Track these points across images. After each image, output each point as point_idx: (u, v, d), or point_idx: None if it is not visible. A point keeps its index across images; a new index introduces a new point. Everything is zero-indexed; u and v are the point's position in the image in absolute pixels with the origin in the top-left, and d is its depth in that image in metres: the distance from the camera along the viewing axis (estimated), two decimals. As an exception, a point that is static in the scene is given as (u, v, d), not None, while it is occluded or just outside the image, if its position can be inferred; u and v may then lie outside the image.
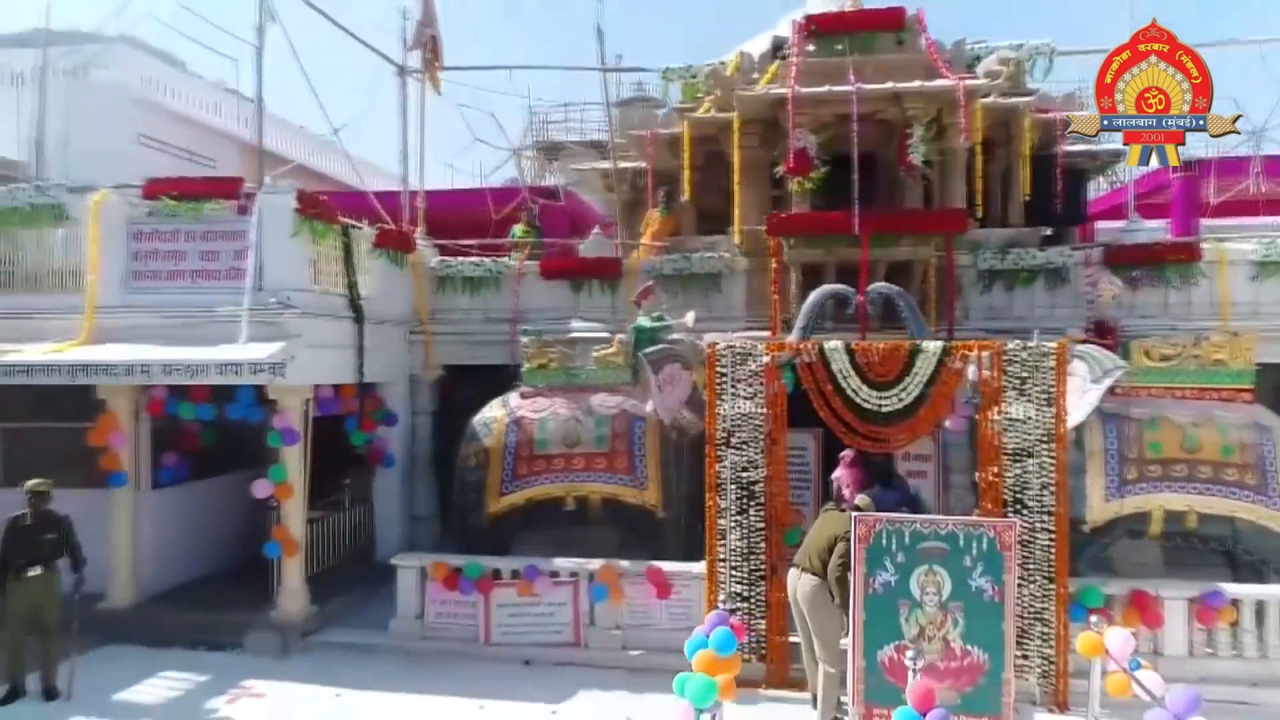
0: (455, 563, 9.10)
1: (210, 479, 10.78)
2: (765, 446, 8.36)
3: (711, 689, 5.35)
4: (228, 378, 8.87)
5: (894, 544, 6.41)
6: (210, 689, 8.16)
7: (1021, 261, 10.71)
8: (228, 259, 9.24)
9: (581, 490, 9.72)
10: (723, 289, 11.41)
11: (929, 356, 8.11)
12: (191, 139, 20.24)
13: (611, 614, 8.88)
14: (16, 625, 7.83)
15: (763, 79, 10.71)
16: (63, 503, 9.97)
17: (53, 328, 9.41)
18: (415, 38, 11.99)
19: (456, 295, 11.96)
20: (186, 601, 9.92)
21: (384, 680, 8.35)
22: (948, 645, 6.34)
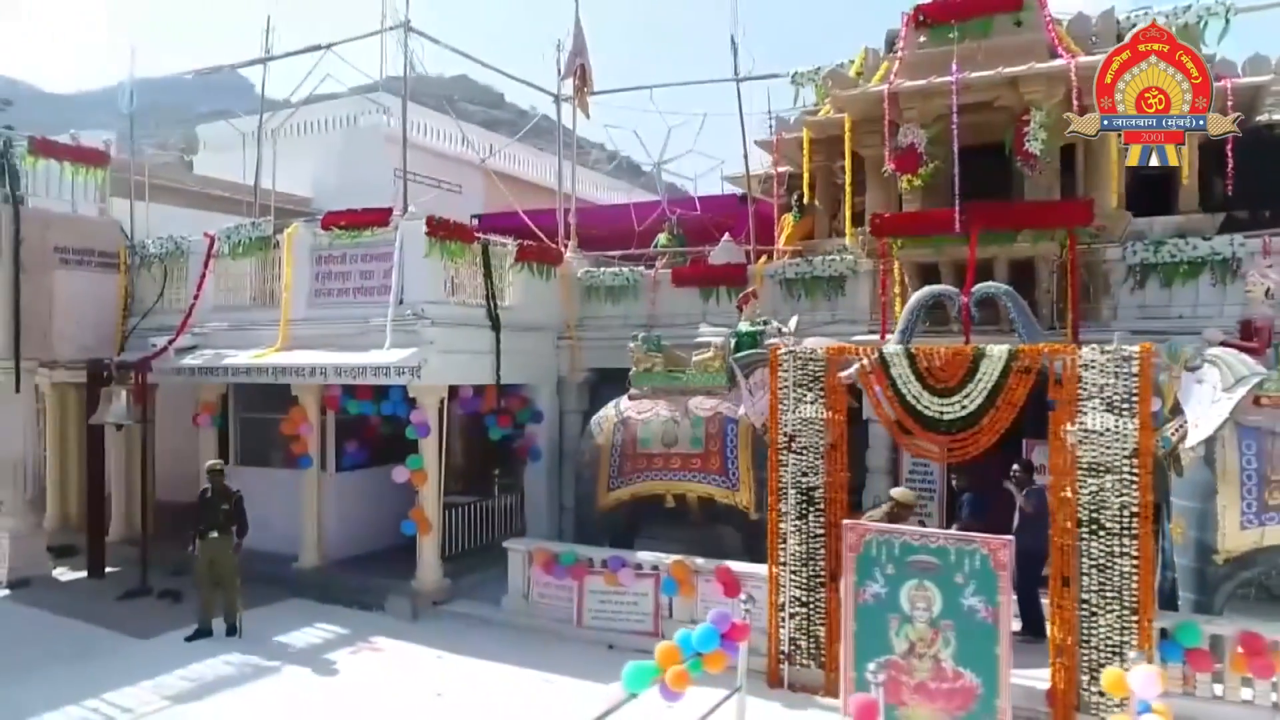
0: (553, 549, 9.93)
1: (384, 466, 12.55)
2: (825, 452, 8.28)
3: (647, 674, 5.62)
4: (378, 378, 10.44)
5: (884, 554, 6.20)
6: (345, 640, 9.69)
7: (1181, 253, 9.41)
8: (380, 277, 10.82)
9: (678, 488, 10.15)
10: (847, 292, 11.19)
11: (994, 361, 7.58)
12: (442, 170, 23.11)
13: (686, 608, 9.21)
14: (202, 577, 9.65)
15: (875, 76, 10.39)
16: (266, 480, 12.31)
17: (265, 336, 11.59)
18: (567, 67, 13.03)
19: (600, 303, 12.82)
20: (354, 568, 11.71)
21: (484, 649, 9.35)
22: (939, 665, 6.02)
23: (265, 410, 12.60)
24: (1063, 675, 7.02)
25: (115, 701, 7.96)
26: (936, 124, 9.87)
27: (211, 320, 12.19)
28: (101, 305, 12.77)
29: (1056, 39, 9.43)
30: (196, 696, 8.14)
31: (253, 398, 12.69)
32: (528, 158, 25.40)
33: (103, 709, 7.82)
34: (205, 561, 9.59)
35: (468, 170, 23.77)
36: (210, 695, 8.19)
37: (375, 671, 8.86)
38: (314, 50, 11.99)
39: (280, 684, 8.52)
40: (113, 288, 12.95)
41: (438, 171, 23.06)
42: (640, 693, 5.70)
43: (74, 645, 9.37)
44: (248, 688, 8.40)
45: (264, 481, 12.23)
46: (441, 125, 23.73)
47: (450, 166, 23.47)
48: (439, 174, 23.05)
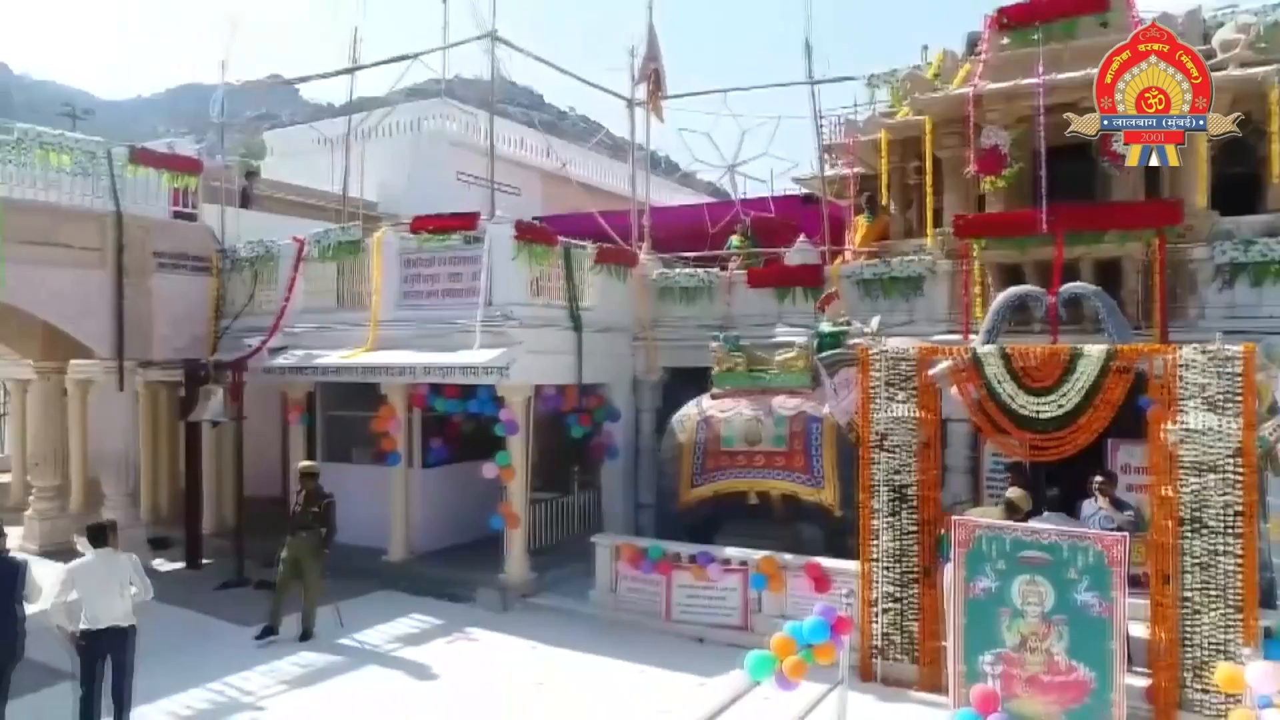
0: (640, 545, 10.18)
1: (467, 462, 12.91)
2: (918, 450, 8.42)
3: (769, 664, 5.83)
4: (466, 378, 10.77)
5: (994, 550, 6.34)
6: (441, 630, 10.03)
7: (1272, 253, 9.38)
8: (467, 279, 11.16)
9: (762, 486, 10.34)
10: (925, 292, 11.28)
11: (1091, 361, 7.68)
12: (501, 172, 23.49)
13: (776, 603, 9.41)
14: (284, 576, 9.67)
15: (956, 78, 10.49)
16: (352, 476, 12.70)
17: (353, 337, 11.98)
18: (641, 72, 13.28)
19: (674, 304, 13.04)
20: (442, 561, 12.07)
21: (575, 641, 9.63)
22: (1051, 658, 6.14)
23: (350, 408, 13.03)
24: (1164, 673, 7.11)
25: (237, 685, 8.37)
26: (1019, 125, 9.97)
27: (300, 321, 12.63)
28: (194, 308, 13.28)
29: (1145, 39, 9.43)
30: (311, 682, 8.52)
31: (338, 396, 13.11)
32: (583, 159, 25.71)
33: (226, 692, 8.23)
34: (291, 560, 9.68)
35: (525, 173, 24.17)
36: (323, 681, 8.56)
37: (474, 660, 9.18)
38: (401, 60, 12.35)
39: (388, 669, 8.88)
40: (204, 291, 13.46)
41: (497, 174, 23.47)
42: (762, 680, 5.91)
43: (186, 632, 9.81)
44: (358, 673, 8.77)
45: (349, 477, 12.63)
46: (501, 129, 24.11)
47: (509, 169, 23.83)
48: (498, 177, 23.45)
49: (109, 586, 6.76)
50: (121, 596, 6.80)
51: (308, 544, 9.67)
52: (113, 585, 6.78)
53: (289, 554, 9.69)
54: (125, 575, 6.86)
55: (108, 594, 6.73)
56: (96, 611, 6.67)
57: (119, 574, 6.84)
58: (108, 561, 6.86)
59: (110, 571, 6.82)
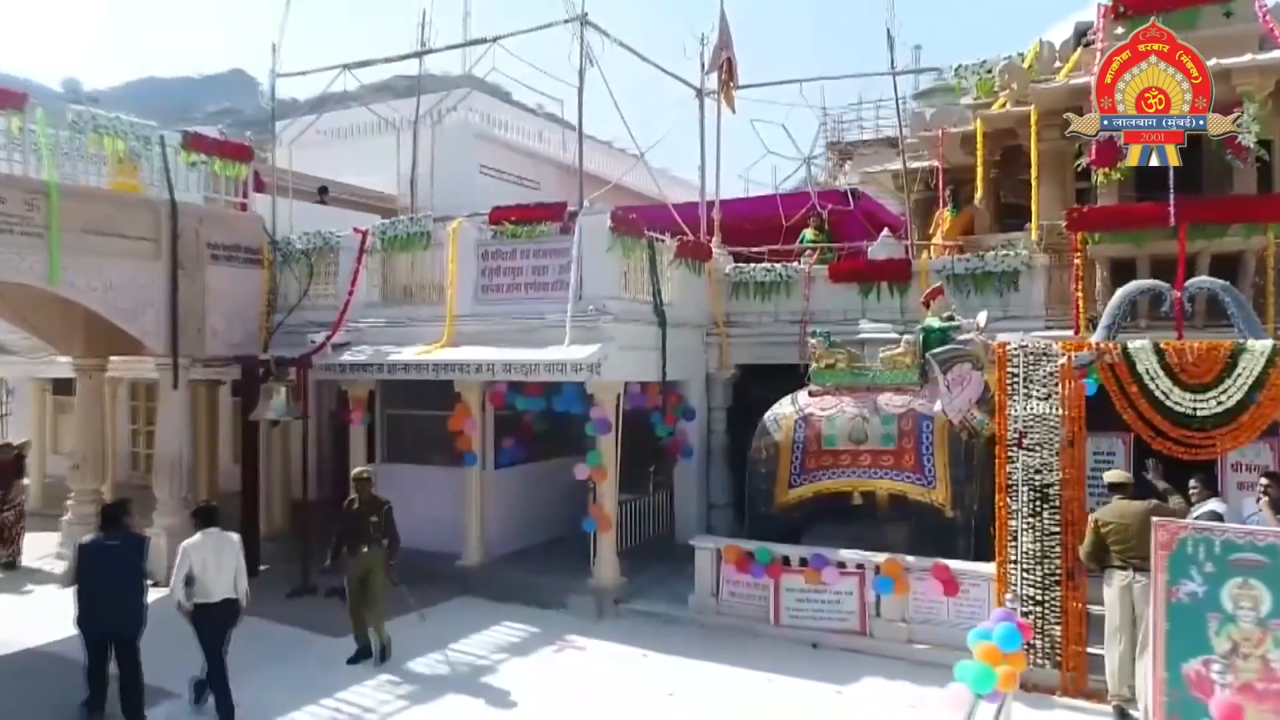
0: (747, 547, 9.82)
1: (539, 462, 12.49)
2: (1061, 449, 8.17)
3: (990, 676, 5.52)
4: (554, 375, 10.34)
5: (1201, 553, 6.09)
6: (541, 639, 9.59)
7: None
8: (554, 273, 10.72)
9: (868, 486, 10.04)
10: (1020, 287, 11.08)
11: (1255, 356, 7.47)
12: (521, 166, 23.02)
13: (897, 607, 9.11)
14: (354, 595, 8.76)
15: (1065, 68, 10.27)
16: (418, 478, 12.19)
17: (422, 333, 11.49)
18: (712, 61, 12.93)
19: (749, 299, 12.72)
20: (520, 565, 11.62)
21: (683, 647, 9.26)
22: (1267, 665, 5.90)
23: (415, 407, 12.52)
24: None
25: (353, 700, 7.89)
26: (1134, 117, 9.75)
27: (363, 316, 12.10)
28: (247, 301, 12.68)
29: (1272, 28, 9.31)
30: (431, 696, 8.05)
31: (402, 395, 12.59)
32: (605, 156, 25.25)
33: (344, 709, 7.74)
34: (357, 578, 8.76)
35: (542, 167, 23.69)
36: (443, 694, 8.11)
37: (589, 670, 8.77)
38: (478, 43, 11.83)
39: (504, 680, 8.44)
40: (257, 283, 12.86)
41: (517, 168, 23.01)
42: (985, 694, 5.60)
43: (273, 644, 9.27)
44: (478, 684, 8.32)
45: (415, 479, 12.15)
46: (521, 121, 23.64)
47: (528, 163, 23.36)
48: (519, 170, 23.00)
49: (220, 562, 7.25)
50: (231, 573, 7.31)
51: (375, 558, 8.77)
52: (224, 561, 7.28)
53: (356, 571, 8.76)
54: (234, 553, 7.39)
55: (219, 570, 7.22)
56: (209, 586, 7.16)
57: (228, 551, 7.34)
58: (216, 540, 7.33)
59: (219, 548, 7.30)
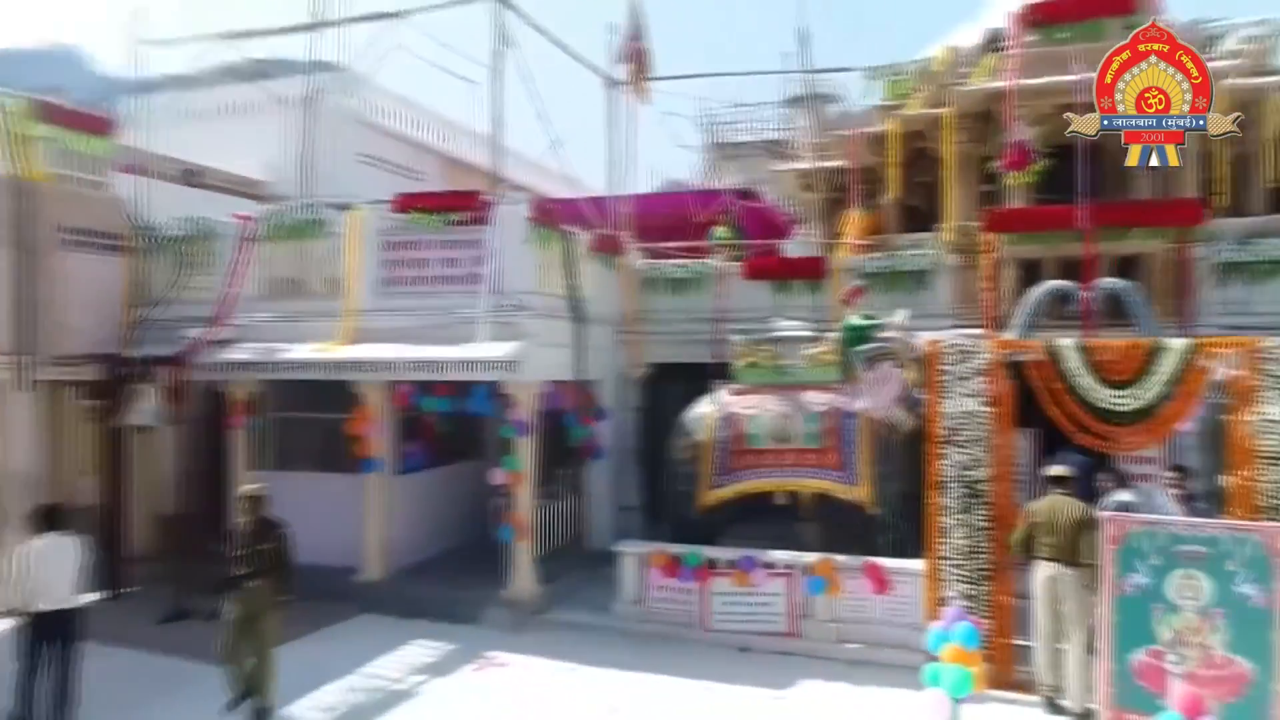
0: (674, 551, 9.53)
1: (444, 467, 11.77)
2: (990, 445, 8.29)
3: (968, 679, 5.44)
4: (466, 374, 9.72)
5: (1148, 546, 6.24)
6: (460, 656, 8.94)
7: (1267, 252, 10.00)
8: (467, 265, 10.08)
9: (792, 485, 9.94)
10: (929, 286, 11.29)
11: (1174, 354, 7.79)
12: (404, 155, 21.92)
13: (828, 607, 9.04)
14: (235, 637, 7.15)
15: (976, 73, 10.53)
16: (318, 486, 11.25)
17: (316, 329, 10.56)
18: (623, 51, 12.55)
19: (661, 296, 12.45)
20: (427, 577, 10.89)
21: (612, 658, 8.84)
22: (1208, 653, 6.10)
23: (307, 409, 11.54)
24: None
25: (261, 739, 7.05)
26: (1042, 123, 10.10)
27: (248, 311, 11.04)
28: (107, 293, 11.32)
29: (1170, 44, 9.79)
30: (350, 725, 7.31)
31: (292, 396, 11.55)
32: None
33: (249, 749, 6.90)
34: (245, 615, 7.10)
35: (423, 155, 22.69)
36: None
37: (518, 688, 8.23)
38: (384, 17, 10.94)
39: (427, 704, 7.79)
40: (119, 273, 11.50)
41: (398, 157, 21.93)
42: (964, 697, 5.49)
43: (154, 678, 8.24)
44: (396, 710, 7.63)
45: (307, 488, 11.12)
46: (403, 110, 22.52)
47: (412, 153, 22.32)
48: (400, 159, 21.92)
49: (58, 569, 6.73)
50: (70, 581, 6.79)
51: (264, 595, 7.11)
52: (63, 567, 6.76)
53: (241, 611, 7.10)
54: (74, 559, 6.85)
55: (57, 577, 6.71)
56: (44, 594, 6.65)
57: (68, 557, 6.82)
58: (56, 544, 6.83)
59: (59, 553, 6.79)
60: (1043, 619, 7.49)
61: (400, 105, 22.78)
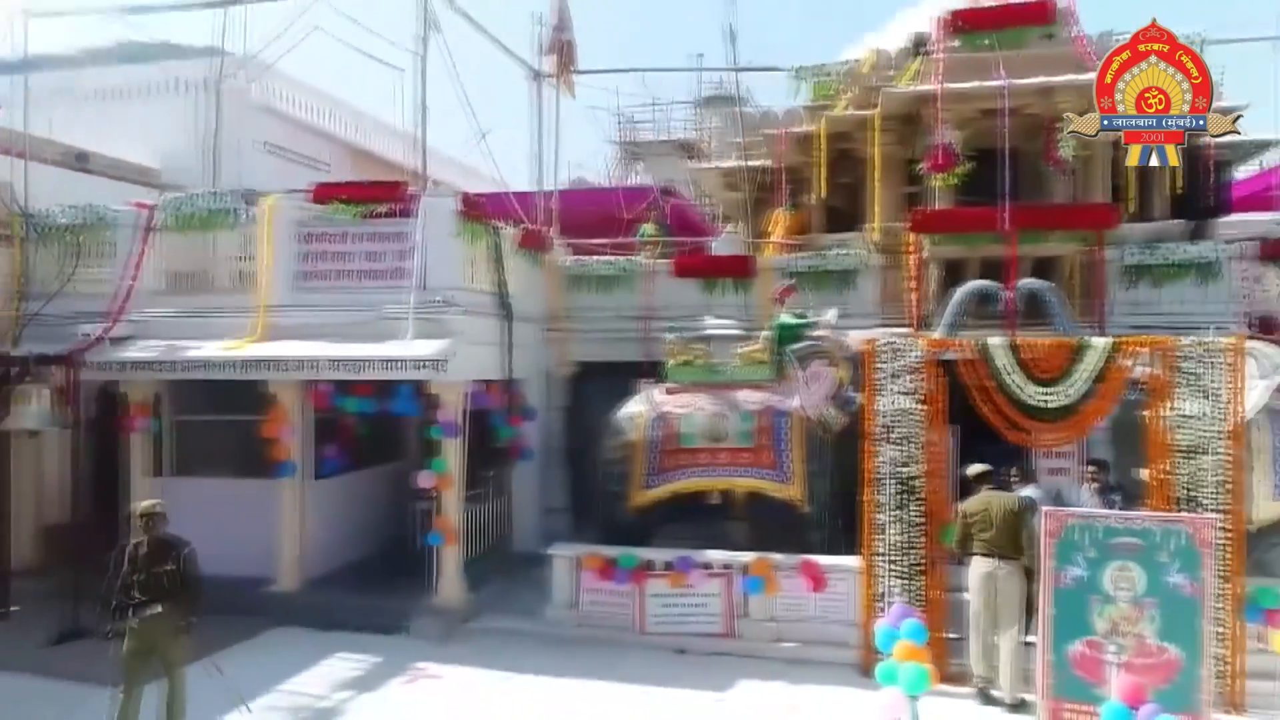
0: (608, 554, 9.34)
1: (363, 470, 11.26)
2: (923, 442, 8.40)
3: (924, 676, 5.44)
4: (390, 373, 9.29)
5: (1085, 539, 6.41)
6: (387, 670, 8.52)
7: (1171, 255, 10.49)
8: (391, 259, 9.65)
9: (725, 484, 9.86)
10: (856, 286, 11.44)
11: (1097, 353, 8.06)
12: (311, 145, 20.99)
13: (765, 606, 9.01)
14: (132, 668, 6.51)
15: (902, 76, 10.71)
16: (227, 492, 10.61)
17: (225, 326, 9.94)
18: (549, 43, 12.28)
19: (589, 293, 12.24)
20: (347, 586, 10.38)
21: (549, 666, 8.59)
22: (1142, 641, 6.31)
23: (215, 411, 10.85)
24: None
25: (173, 769, 6.51)
26: (965, 126, 10.35)
27: (148, 306, 10.30)
28: (-13, 285, 10.41)
29: (1086, 54, 10.17)
30: (270, 751, 6.84)
31: (198, 397, 10.85)
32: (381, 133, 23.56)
33: (163, 780, 6.37)
34: (143, 647, 6.46)
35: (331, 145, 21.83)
36: (285, 748, 6.92)
37: (453, 701, 7.88)
38: (298, -3, 10.35)
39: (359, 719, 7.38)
40: (2, 264, 10.58)
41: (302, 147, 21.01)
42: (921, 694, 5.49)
43: (50, 704, 7.55)
44: (325, 734, 7.20)
45: (214, 494, 10.53)
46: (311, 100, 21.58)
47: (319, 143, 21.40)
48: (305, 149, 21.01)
49: None
50: None
51: (164, 622, 6.45)
52: None
53: (137, 642, 6.45)
54: None
55: None
56: None
57: None
58: None
59: None
60: (974, 611, 7.63)
61: (309, 94, 21.86)
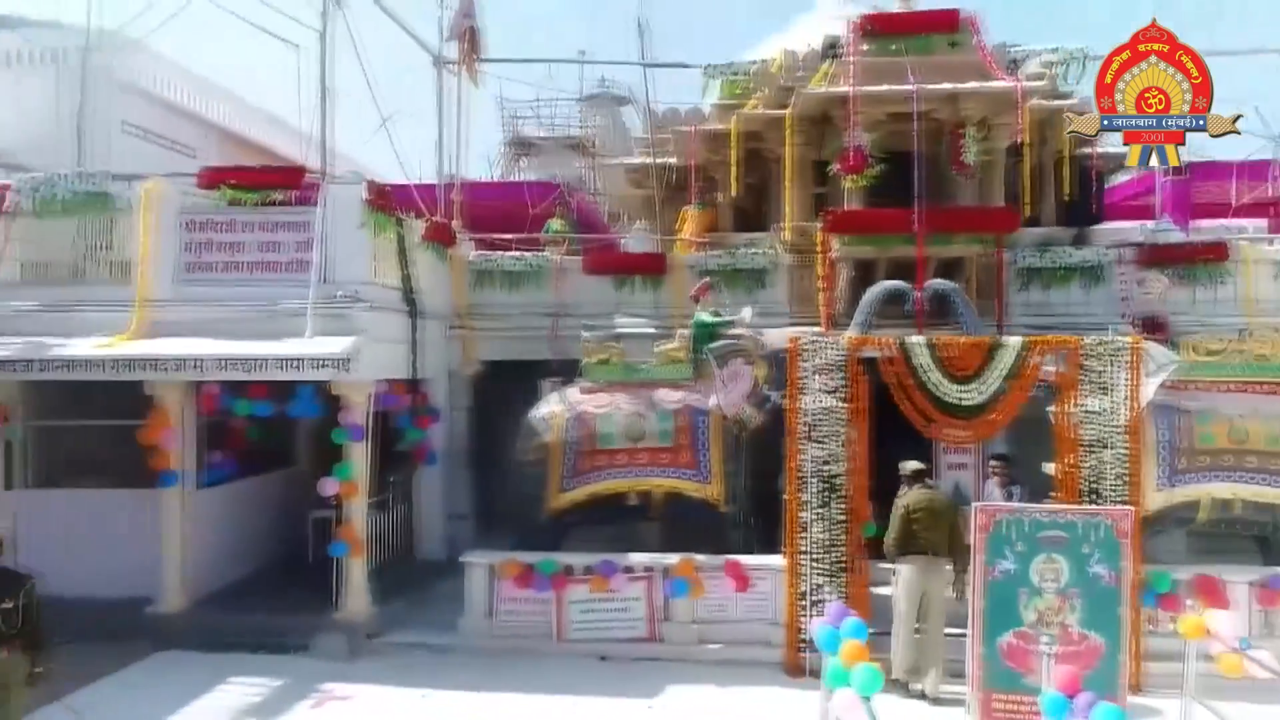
0: (527, 560, 8.98)
1: (255, 477, 10.48)
2: (846, 441, 8.48)
3: (876, 675, 5.41)
4: (289, 373, 8.65)
5: (1014, 533, 6.56)
6: (289, 693, 7.90)
7: (1060, 260, 11.02)
8: (289, 250, 8.99)
9: (645, 485, 9.67)
10: (767, 285, 11.49)
11: (1010, 351, 8.32)
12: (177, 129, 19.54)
13: (688, 609, 8.87)
14: None
15: (814, 78, 10.82)
16: (97, 505, 9.68)
17: (96, 321, 9.03)
18: (453, 29, 11.78)
19: (496, 290, 11.82)
20: (239, 603, 9.62)
21: (466, 680, 8.17)
22: (1066, 631, 6.51)
23: (88, 415, 9.84)
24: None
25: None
26: (875, 129, 10.54)
27: (7, 299, 9.24)
28: None
29: (988, 61, 10.53)
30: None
31: (68, 400, 9.80)
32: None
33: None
34: None
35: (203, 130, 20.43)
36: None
37: (367, 724, 7.39)
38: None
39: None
40: None
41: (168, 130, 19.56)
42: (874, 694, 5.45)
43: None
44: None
45: (82, 508, 9.62)
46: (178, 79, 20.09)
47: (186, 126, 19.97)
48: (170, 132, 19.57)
49: None
50: None
51: (11, 668, 5.77)
52: None
53: None
54: None
55: None
56: None
57: None
58: None
59: None
60: (904, 608, 7.74)
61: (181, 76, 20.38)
